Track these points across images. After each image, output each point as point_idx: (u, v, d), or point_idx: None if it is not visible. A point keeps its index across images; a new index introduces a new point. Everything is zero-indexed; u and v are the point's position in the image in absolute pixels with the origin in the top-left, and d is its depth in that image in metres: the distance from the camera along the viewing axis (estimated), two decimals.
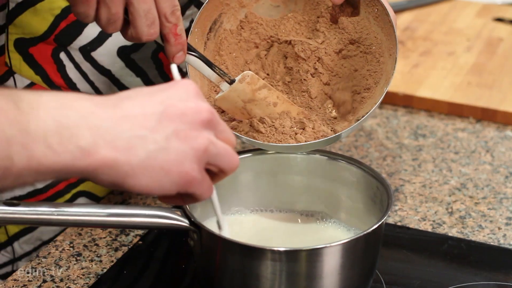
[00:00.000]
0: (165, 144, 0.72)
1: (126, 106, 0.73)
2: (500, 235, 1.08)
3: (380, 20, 1.02)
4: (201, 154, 0.74)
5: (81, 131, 0.69)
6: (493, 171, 1.22)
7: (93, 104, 0.71)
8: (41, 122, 0.68)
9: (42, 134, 0.68)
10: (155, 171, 0.72)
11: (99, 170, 0.70)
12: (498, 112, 1.35)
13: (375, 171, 0.99)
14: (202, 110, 0.75)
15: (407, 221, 1.10)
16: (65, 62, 1.10)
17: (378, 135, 1.32)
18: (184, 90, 0.76)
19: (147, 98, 0.74)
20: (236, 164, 0.78)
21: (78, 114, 0.70)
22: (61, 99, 0.70)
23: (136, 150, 0.71)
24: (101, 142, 0.70)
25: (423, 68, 1.50)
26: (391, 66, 1.00)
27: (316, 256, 0.87)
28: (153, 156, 0.72)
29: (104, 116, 0.71)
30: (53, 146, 0.68)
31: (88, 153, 0.69)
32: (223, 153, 0.76)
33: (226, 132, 0.78)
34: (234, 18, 1.06)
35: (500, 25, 1.68)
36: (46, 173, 0.69)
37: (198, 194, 0.76)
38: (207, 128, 0.75)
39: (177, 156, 0.73)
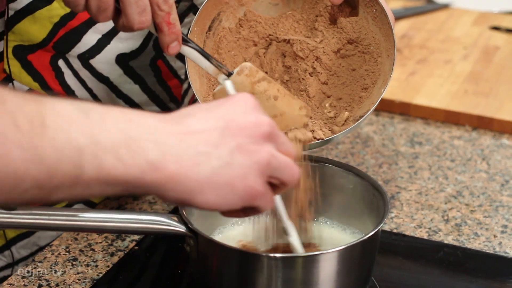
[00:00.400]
0: (229, 159, 0.73)
1: (188, 123, 0.73)
2: (496, 243, 1.08)
3: (379, 21, 1.02)
4: (264, 168, 0.74)
5: (149, 145, 0.70)
6: (489, 179, 1.22)
7: (158, 120, 0.72)
8: (111, 134, 0.69)
9: (112, 146, 0.69)
10: (221, 186, 0.73)
11: (167, 185, 0.71)
12: (494, 120, 1.36)
13: (371, 178, 0.99)
14: (262, 123, 0.75)
15: (403, 228, 1.11)
16: (64, 70, 1.10)
17: (375, 142, 1.32)
18: (243, 104, 0.76)
19: (207, 113, 0.75)
20: (297, 176, 0.78)
21: (146, 129, 0.71)
22: (128, 114, 0.71)
23: (201, 166, 0.72)
24: (168, 157, 0.71)
25: (420, 76, 1.50)
26: (389, 67, 1.00)
27: (312, 263, 0.87)
28: (218, 172, 0.72)
29: (169, 132, 0.72)
30: (122, 158, 0.69)
31: (156, 167, 0.70)
32: (284, 166, 0.77)
33: (286, 144, 0.78)
34: (233, 16, 1.06)
35: (497, 33, 1.69)
36: (114, 185, 0.70)
37: (261, 207, 0.77)
38: (268, 141, 0.75)
39: (241, 171, 0.73)
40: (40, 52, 1.09)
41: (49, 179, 0.67)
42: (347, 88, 1.04)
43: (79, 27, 1.07)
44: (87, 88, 1.11)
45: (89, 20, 1.07)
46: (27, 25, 1.07)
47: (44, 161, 0.66)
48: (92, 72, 1.11)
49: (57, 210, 0.84)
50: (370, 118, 1.39)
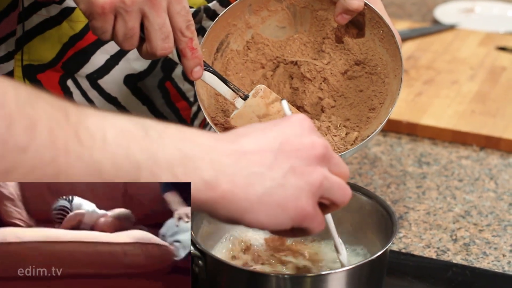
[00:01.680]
0: (282, 180, 0.74)
1: (243, 143, 0.74)
2: (505, 262, 1.08)
3: (386, 42, 1.03)
4: (316, 190, 0.75)
5: (204, 164, 0.71)
6: (497, 198, 1.22)
7: (214, 139, 0.73)
8: (168, 151, 0.70)
9: (168, 163, 0.70)
10: (272, 207, 0.73)
11: (219, 204, 0.72)
12: (502, 140, 1.36)
13: (379, 198, 0.99)
14: (316, 145, 0.76)
15: (411, 248, 1.11)
16: (72, 89, 1.11)
17: (382, 162, 1.32)
18: (298, 125, 0.77)
19: (262, 134, 0.75)
20: (349, 197, 0.79)
21: (201, 148, 0.72)
22: (185, 132, 0.73)
23: (254, 186, 0.73)
24: (222, 177, 0.71)
25: (427, 97, 1.51)
26: (396, 87, 1.01)
27: (321, 282, 0.87)
28: (270, 193, 0.73)
29: (224, 152, 0.73)
30: (178, 176, 0.70)
31: (210, 186, 0.71)
32: (337, 187, 0.77)
33: (339, 166, 0.78)
34: (241, 38, 1.07)
35: (503, 54, 1.69)
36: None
37: (311, 228, 0.77)
38: (322, 162, 0.76)
39: (293, 192, 0.74)
40: (49, 72, 1.10)
41: None
42: (355, 108, 1.04)
43: (88, 48, 1.08)
44: (94, 108, 1.12)
45: (97, 41, 1.08)
46: (37, 45, 1.08)
47: (103, 175, 0.68)
48: (101, 92, 1.11)
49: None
50: (377, 139, 1.39)
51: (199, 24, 1.13)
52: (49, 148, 0.66)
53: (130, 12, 0.88)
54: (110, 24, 0.89)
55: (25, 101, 0.66)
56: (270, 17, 1.08)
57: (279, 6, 1.08)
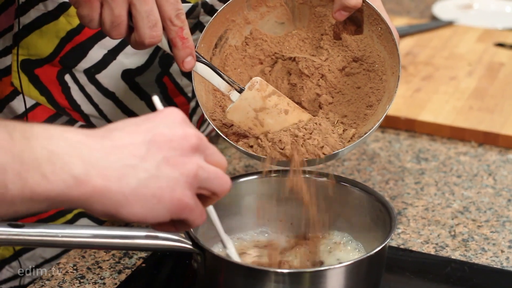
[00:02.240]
0: (155, 171, 0.73)
1: (115, 137, 0.73)
2: (503, 258, 1.08)
3: (384, 39, 1.03)
4: (191, 180, 0.75)
5: (73, 160, 0.70)
6: (495, 194, 1.22)
7: (83, 135, 0.72)
8: (34, 151, 0.69)
9: (35, 163, 0.69)
10: (148, 199, 0.73)
11: (92, 199, 0.71)
12: (500, 136, 1.36)
13: (378, 194, 0.99)
14: (189, 135, 0.75)
15: (410, 244, 1.11)
16: (70, 84, 1.11)
17: (381, 158, 1.32)
18: (171, 118, 0.76)
19: (134, 128, 0.75)
20: (228, 186, 0.78)
21: (69, 144, 0.71)
22: (51, 130, 0.71)
23: (127, 179, 0.72)
24: (93, 171, 0.71)
25: (425, 93, 1.51)
26: (393, 84, 1.01)
27: (319, 278, 0.87)
28: (144, 184, 0.72)
29: (94, 147, 0.72)
30: (46, 175, 0.69)
31: (81, 182, 0.70)
32: (214, 177, 0.77)
33: (215, 155, 0.78)
34: (240, 34, 1.07)
35: (501, 50, 1.69)
36: (40, 201, 0.70)
37: (191, 220, 0.77)
38: (196, 153, 0.76)
39: (168, 183, 0.73)
40: (47, 66, 1.10)
41: None
42: (352, 105, 1.04)
43: (85, 42, 1.08)
44: (93, 103, 1.12)
45: (95, 36, 1.08)
46: (35, 39, 1.08)
47: None
48: (98, 87, 1.11)
49: (65, 228, 0.84)
50: (376, 135, 1.39)
51: (197, 19, 1.13)
52: None
53: (116, 0, 0.87)
54: (97, 12, 0.88)
55: None
56: (268, 13, 1.08)
57: (278, 2, 1.08)
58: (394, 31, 1.02)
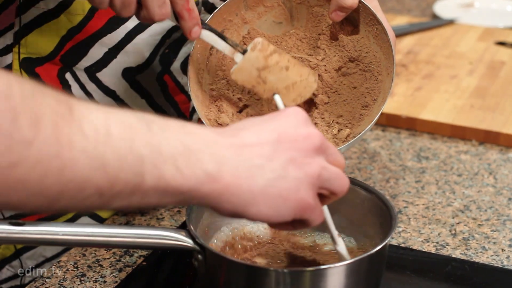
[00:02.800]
0: (282, 172, 0.75)
1: (243, 136, 0.75)
2: (504, 256, 1.08)
3: (380, 39, 1.03)
4: (315, 180, 0.76)
5: (206, 156, 0.72)
6: (496, 193, 1.22)
7: (214, 133, 0.74)
8: (171, 145, 0.71)
9: (171, 156, 0.71)
10: (274, 199, 0.74)
11: (222, 196, 0.73)
12: (501, 134, 1.36)
13: (378, 192, 0.99)
14: (312, 136, 0.77)
15: (410, 242, 1.11)
16: (71, 83, 1.11)
17: (382, 157, 1.32)
18: (294, 117, 0.78)
19: (260, 127, 0.76)
20: (347, 186, 0.80)
21: (203, 141, 0.73)
22: (186, 126, 0.74)
23: (256, 178, 0.74)
24: (224, 169, 0.72)
25: (426, 91, 1.51)
26: (388, 85, 1.01)
27: (320, 277, 0.87)
28: (272, 184, 0.74)
29: (225, 145, 0.74)
30: (181, 168, 0.71)
31: (213, 178, 0.72)
32: (335, 177, 0.78)
33: (335, 155, 0.79)
34: (237, 34, 1.07)
35: (502, 48, 1.69)
36: (172, 194, 0.72)
37: (311, 219, 0.78)
38: (319, 153, 0.77)
39: (293, 184, 0.75)
40: (47, 65, 1.10)
41: (110, 187, 0.69)
42: (348, 105, 1.05)
43: (86, 41, 1.08)
44: (93, 101, 1.12)
45: (95, 34, 1.08)
46: (35, 38, 1.08)
47: (107, 168, 0.68)
48: (99, 85, 1.11)
49: (66, 226, 0.84)
50: (376, 134, 1.39)
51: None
52: (54, 142, 0.66)
53: None
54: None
55: (30, 95, 0.66)
56: (266, 12, 1.08)
57: (275, 1, 1.08)
58: (390, 32, 1.02)
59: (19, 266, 1.16)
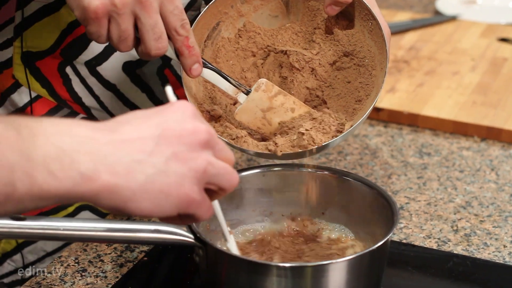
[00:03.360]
0: (163, 167, 0.73)
1: (123, 131, 0.73)
2: (506, 252, 1.08)
3: (374, 34, 1.03)
4: (200, 175, 0.75)
5: (81, 156, 0.70)
6: (498, 189, 1.22)
7: (91, 129, 0.72)
8: (42, 149, 0.69)
9: (43, 161, 0.69)
10: (155, 194, 0.73)
11: (100, 195, 0.71)
12: (503, 131, 1.36)
13: (380, 188, 0.99)
14: (199, 131, 0.75)
15: (412, 238, 1.10)
16: (71, 76, 1.11)
17: (383, 153, 1.32)
18: (181, 112, 0.76)
19: (143, 121, 0.74)
20: (236, 182, 0.79)
21: (77, 140, 0.71)
22: (59, 125, 0.71)
23: (135, 174, 0.72)
24: (101, 167, 0.70)
25: (428, 87, 1.50)
26: (381, 80, 1.01)
27: (321, 272, 0.87)
28: (152, 180, 0.72)
29: (102, 141, 0.72)
30: (54, 172, 0.69)
31: (89, 178, 0.70)
32: (222, 172, 0.77)
33: (224, 151, 0.78)
34: (233, 26, 1.07)
35: (505, 45, 1.69)
36: (48, 199, 0.70)
37: (198, 215, 0.77)
38: (205, 148, 0.75)
39: (176, 179, 0.73)
40: (48, 58, 1.10)
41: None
42: (342, 99, 1.05)
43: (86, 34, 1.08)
44: (94, 95, 1.12)
45: None
46: (35, 31, 1.08)
47: None
48: (99, 79, 1.11)
49: (67, 221, 0.84)
50: (378, 130, 1.39)
51: (198, 11, 1.13)
52: None
53: (122, 15, 0.89)
54: (105, 29, 0.90)
55: None
56: (262, 6, 1.08)
57: None
58: (385, 27, 1.02)
59: (20, 260, 1.16)
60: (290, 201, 1.04)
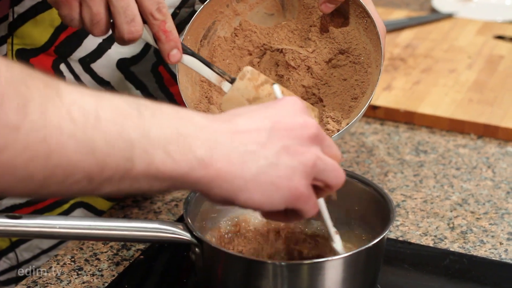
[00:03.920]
0: (275, 159, 0.74)
1: (237, 122, 0.74)
2: (502, 250, 1.08)
3: (369, 31, 1.03)
4: (309, 170, 0.75)
5: (198, 142, 0.71)
6: (494, 187, 1.22)
7: (208, 119, 0.74)
8: (162, 130, 0.70)
9: (162, 141, 0.70)
10: (266, 186, 0.73)
11: (213, 182, 0.72)
12: (500, 128, 1.36)
13: (377, 185, 0.99)
14: (309, 125, 0.76)
15: (408, 236, 1.10)
16: (65, 74, 1.11)
17: (380, 151, 1.32)
18: (291, 106, 0.77)
19: (257, 114, 0.76)
20: (343, 179, 0.79)
21: (195, 127, 0.72)
22: (179, 111, 0.73)
23: (249, 164, 0.73)
24: (217, 155, 0.72)
25: (425, 85, 1.50)
26: (376, 77, 1.01)
27: (318, 270, 0.87)
28: (264, 171, 0.73)
29: (218, 131, 0.73)
30: (172, 154, 0.70)
31: (205, 164, 0.71)
32: (330, 169, 0.77)
33: (332, 147, 0.78)
34: (228, 25, 1.07)
35: (501, 42, 1.69)
36: (163, 180, 0.71)
37: (305, 210, 0.77)
38: (315, 143, 0.76)
39: (286, 171, 0.74)
40: (42, 56, 1.09)
41: (100, 172, 0.69)
42: (338, 97, 1.05)
43: (80, 31, 1.08)
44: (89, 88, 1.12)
45: None
46: (29, 28, 1.08)
47: (96, 153, 0.68)
48: (93, 76, 1.11)
49: (63, 219, 0.84)
50: (375, 127, 1.39)
51: (192, 7, 1.13)
52: (41, 127, 0.65)
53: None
54: (76, 12, 0.89)
55: (18, 79, 0.65)
56: (258, 4, 1.08)
57: None
58: (380, 24, 1.02)
59: (15, 258, 1.16)
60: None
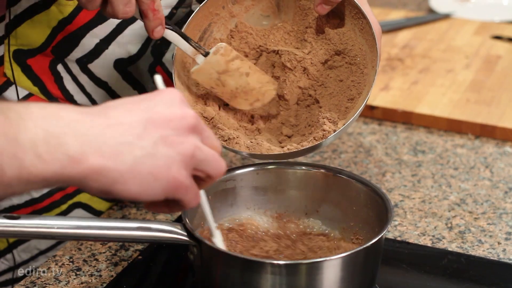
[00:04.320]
0: (152, 150, 0.73)
1: (111, 115, 0.73)
2: (500, 249, 1.08)
3: (365, 32, 1.03)
4: (188, 159, 0.75)
5: (69, 139, 0.70)
6: (492, 186, 1.22)
7: (79, 113, 0.72)
8: (30, 132, 0.69)
9: (31, 144, 0.69)
10: (143, 176, 0.73)
11: (88, 177, 0.71)
12: (497, 128, 1.36)
13: (375, 185, 0.99)
14: (187, 116, 0.76)
15: (406, 236, 1.11)
16: (63, 74, 1.11)
17: (378, 151, 1.32)
18: (169, 98, 0.77)
19: (132, 106, 0.75)
20: (223, 169, 0.79)
21: (65, 123, 0.71)
22: (47, 108, 0.71)
23: (123, 156, 0.72)
24: (89, 149, 0.70)
25: (422, 85, 1.51)
26: (372, 78, 1.01)
27: (316, 269, 0.87)
28: (140, 162, 0.72)
29: (90, 124, 0.72)
30: (42, 155, 0.69)
31: (76, 160, 0.70)
32: (210, 159, 0.77)
33: (211, 138, 0.78)
34: (225, 27, 1.07)
35: (498, 42, 1.69)
36: (36, 182, 0.70)
37: (185, 200, 0.76)
38: (193, 133, 0.76)
39: (164, 162, 0.73)
40: (39, 56, 1.10)
41: None
42: (334, 98, 1.05)
43: (77, 32, 1.08)
44: (86, 93, 1.12)
45: (87, 25, 1.08)
46: (27, 29, 1.08)
47: None
48: (91, 77, 1.11)
49: (61, 219, 0.84)
50: (372, 127, 1.39)
51: (189, 7, 1.13)
52: None
53: None
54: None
55: None
56: (253, 6, 1.08)
57: None
58: (375, 25, 1.02)
59: (12, 259, 1.16)
60: (284, 199, 1.04)
